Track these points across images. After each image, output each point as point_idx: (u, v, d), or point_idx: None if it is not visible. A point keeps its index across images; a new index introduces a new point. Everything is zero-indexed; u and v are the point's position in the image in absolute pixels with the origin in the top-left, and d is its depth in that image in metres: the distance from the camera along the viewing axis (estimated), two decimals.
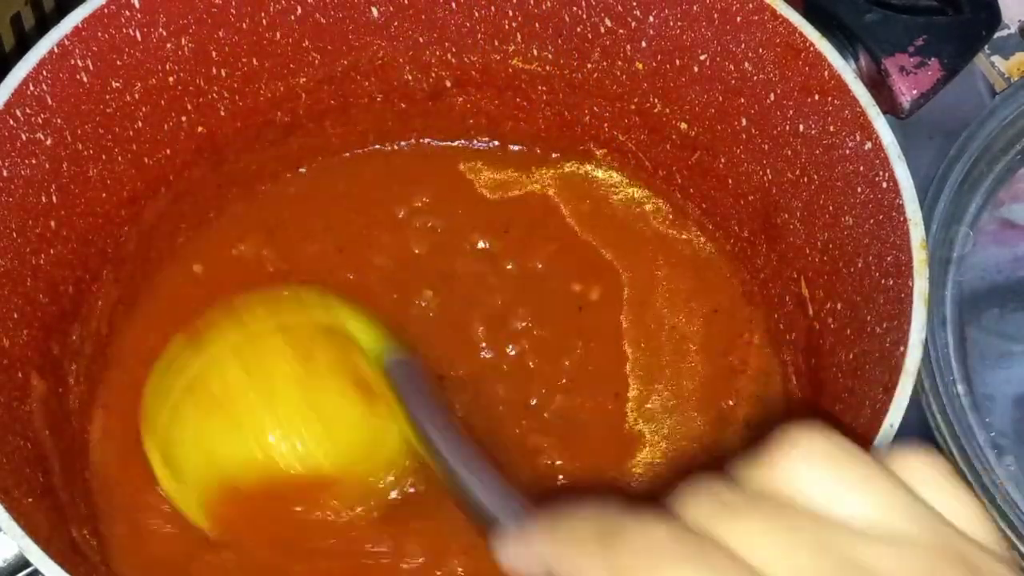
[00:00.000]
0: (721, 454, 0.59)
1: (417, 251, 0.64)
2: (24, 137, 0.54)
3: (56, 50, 0.54)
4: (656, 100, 0.62)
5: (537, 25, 0.61)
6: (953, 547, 0.31)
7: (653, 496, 0.32)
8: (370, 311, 0.57)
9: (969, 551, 0.31)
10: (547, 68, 0.63)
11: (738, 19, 0.56)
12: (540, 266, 0.64)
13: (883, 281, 0.52)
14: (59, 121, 0.55)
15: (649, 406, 0.60)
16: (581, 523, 0.33)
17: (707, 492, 0.31)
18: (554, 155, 0.67)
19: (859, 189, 0.54)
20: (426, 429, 0.52)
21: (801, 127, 0.56)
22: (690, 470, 0.59)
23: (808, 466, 0.31)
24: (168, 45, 0.57)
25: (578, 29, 0.61)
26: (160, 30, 0.57)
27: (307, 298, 0.57)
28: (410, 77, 0.64)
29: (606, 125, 0.64)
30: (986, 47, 0.67)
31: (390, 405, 0.53)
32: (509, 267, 0.64)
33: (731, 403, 0.61)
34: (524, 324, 0.62)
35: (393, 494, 0.54)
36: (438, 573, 0.55)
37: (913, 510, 0.31)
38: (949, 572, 0.30)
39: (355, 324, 0.55)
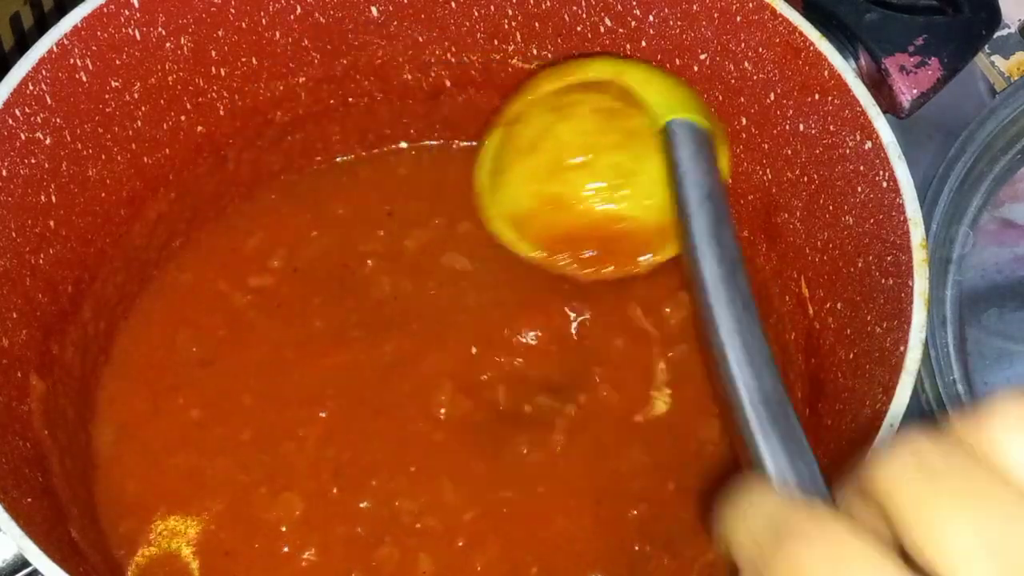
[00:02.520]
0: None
1: (415, 246, 0.64)
2: (23, 136, 0.54)
3: (55, 49, 0.54)
4: None
5: (537, 25, 0.61)
6: None
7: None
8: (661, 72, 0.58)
9: None
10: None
11: (738, 19, 0.56)
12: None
13: (883, 281, 0.52)
14: (58, 120, 0.55)
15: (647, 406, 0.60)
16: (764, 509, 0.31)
17: (910, 450, 0.29)
18: None
19: (859, 189, 0.54)
20: (687, 201, 0.51)
21: (801, 127, 0.56)
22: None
23: (1018, 432, 0.29)
24: (167, 44, 0.57)
25: (578, 29, 0.61)
26: (159, 29, 0.57)
27: (592, 62, 0.59)
28: (410, 77, 0.64)
29: None
30: (986, 47, 0.67)
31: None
32: (508, 263, 0.64)
33: None
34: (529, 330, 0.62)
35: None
36: None
37: None
38: None
39: (641, 81, 0.57)
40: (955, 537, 0.28)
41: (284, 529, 0.57)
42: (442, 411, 0.59)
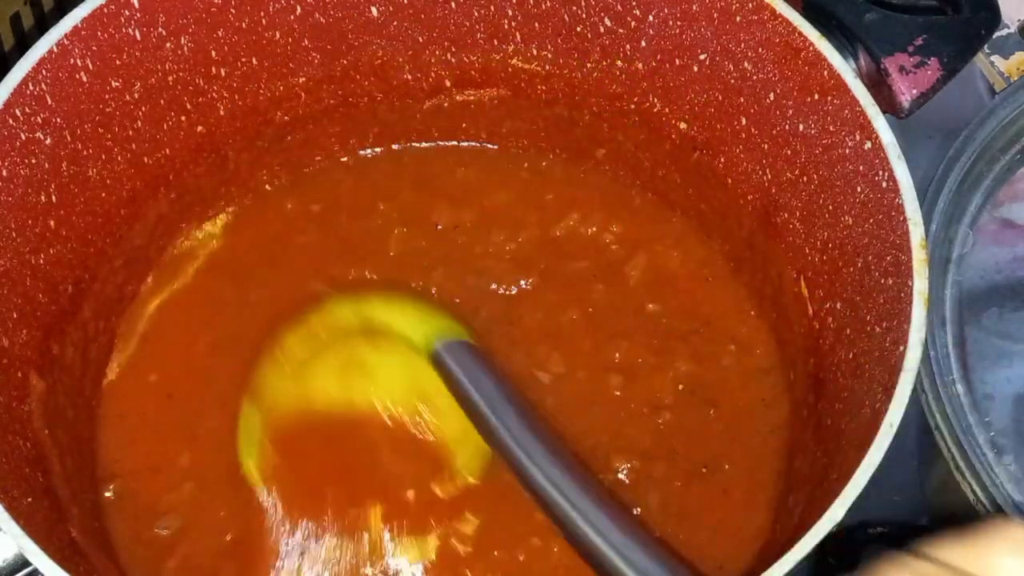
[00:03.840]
0: None
1: (417, 249, 0.64)
2: (23, 136, 0.54)
3: (55, 49, 0.54)
4: (656, 99, 0.62)
5: (537, 25, 0.61)
6: None
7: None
8: (416, 299, 0.58)
9: None
10: (547, 68, 0.63)
11: (738, 19, 0.56)
12: (541, 263, 0.64)
13: (883, 281, 0.52)
14: (58, 120, 0.55)
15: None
16: None
17: (908, 568, 0.31)
18: (554, 155, 0.67)
19: (859, 189, 0.54)
20: (482, 415, 0.51)
21: (801, 127, 0.56)
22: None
23: (1014, 558, 0.31)
24: (168, 44, 0.57)
25: (578, 29, 0.61)
26: (159, 29, 0.57)
27: (336, 311, 0.58)
28: (410, 77, 0.64)
29: (606, 125, 0.64)
30: (986, 47, 0.67)
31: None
32: (509, 260, 0.64)
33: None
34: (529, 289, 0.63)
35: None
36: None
37: None
38: None
39: (391, 317, 0.57)
40: None
41: (286, 530, 0.57)
42: None
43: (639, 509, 0.57)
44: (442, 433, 0.55)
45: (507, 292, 0.63)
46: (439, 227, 0.65)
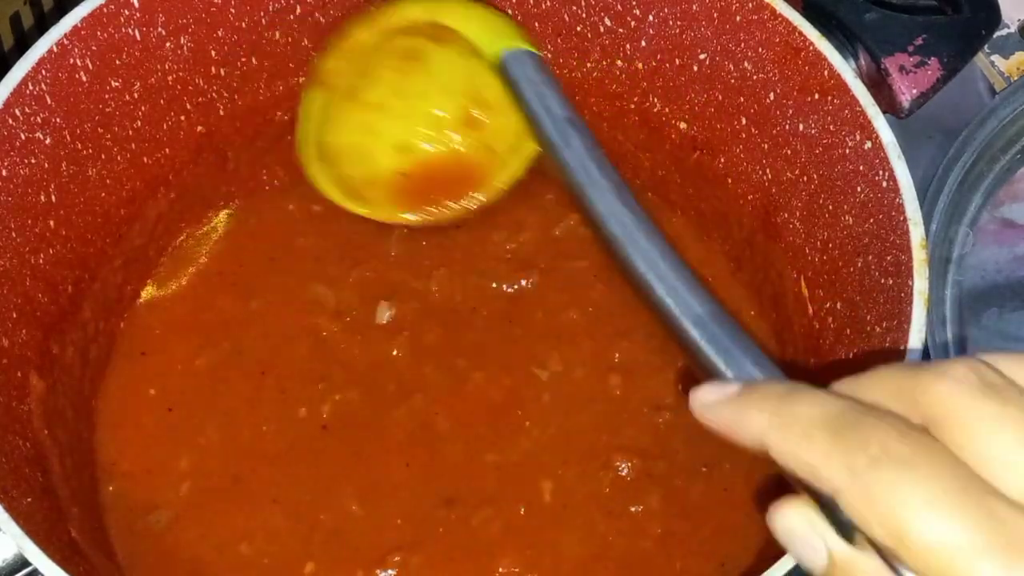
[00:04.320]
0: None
1: (418, 249, 0.64)
2: (23, 136, 0.54)
3: (55, 49, 0.54)
4: (656, 99, 0.62)
5: (537, 25, 0.61)
6: None
7: None
8: (487, 6, 0.57)
9: None
10: None
11: (738, 18, 0.56)
12: (541, 263, 0.64)
13: (883, 280, 0.52)
14: (58, 120, 0.55)
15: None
16: (814, 408, 0.31)
17: (975, 369, 0.30)
18: None
19: (859, 188, 0.54)
20: (546, 130, 0.50)
21: (801, 126, 0.56)
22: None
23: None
24: (167, 44, 0.57)
25: (578, 28, 0.61)
26: (159, 29, 0.57)
27: (407, 6, 0.57)
28: None
29: (606, 125, 0.64)
30: (986, 47, 0.67)
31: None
32: (508, 258, 0.64)
33: None
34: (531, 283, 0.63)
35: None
36: None
37: None
38: None
39: (463, 18, 0.56)
40: None
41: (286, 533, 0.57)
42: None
43: (640, 507, 0.57)
44: (488, 143, 0.55)
45: (508, 291, 0.63)
46: (441, 228, 0.65)
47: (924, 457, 0.29)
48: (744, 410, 0.34)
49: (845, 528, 0.32)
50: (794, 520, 0.33)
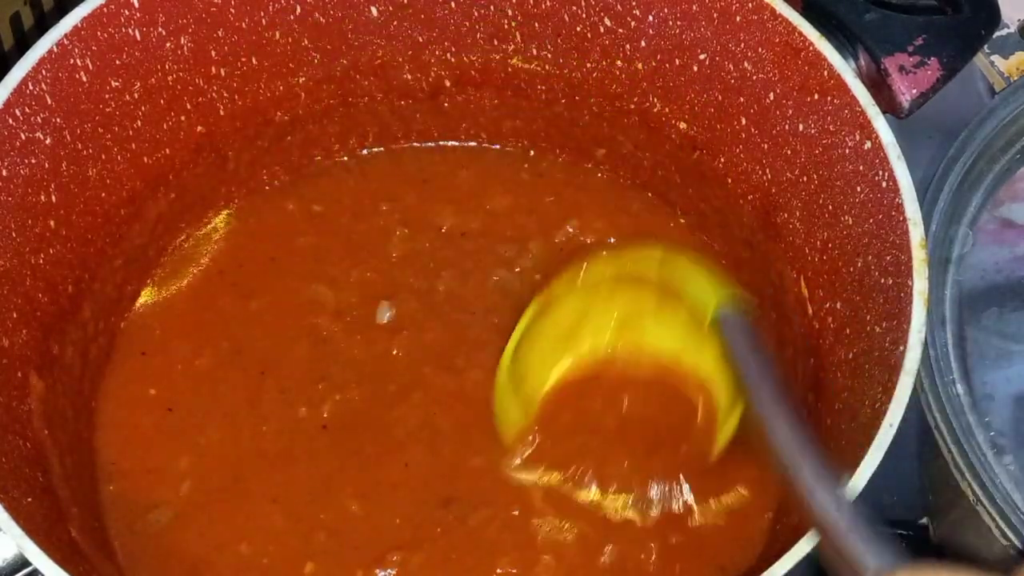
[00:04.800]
0: None
1: (420, 250, 0.64)
2: (23, 136, 0.54)
3: (55, 49, 0.54)
4: (655, 100, 0.62)
5: (536, 24, 0.61)
6: None
7: None
8: (705, 262, 0.58)
9: None
10: (547, 68, 0.63)
11: (738, 19, 0.56)
12: (542, 267, 0.64)
13: (883, 280, 0.52)
14: (58, 120, 0.55)
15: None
16: None
17: None
18: (553, 155, 0.67)
19: (859, 189, 0.54)
20: (754, 386, 0.51)
21: (801, 127, 0.56)
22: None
23: None
24: (167, 44, 0.57)
25: (578, 28, 0.61)
26: (159, 29, 0.57)
27: (643, 257, 0.57)
28: (410, 77, 0.64)
29: (606, 125, 0.64)
30: (986, 47, 0.67)
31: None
32: (508, 256, 0.64)
33: None
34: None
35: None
36: None
37: None
38: None
39: (690, 277, 0.56)
40: None
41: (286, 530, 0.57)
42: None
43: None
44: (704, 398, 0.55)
45: (509, 291, 0.63)
46: (443, 230, 0.65)
47: None
48: None
49: None
50: None
